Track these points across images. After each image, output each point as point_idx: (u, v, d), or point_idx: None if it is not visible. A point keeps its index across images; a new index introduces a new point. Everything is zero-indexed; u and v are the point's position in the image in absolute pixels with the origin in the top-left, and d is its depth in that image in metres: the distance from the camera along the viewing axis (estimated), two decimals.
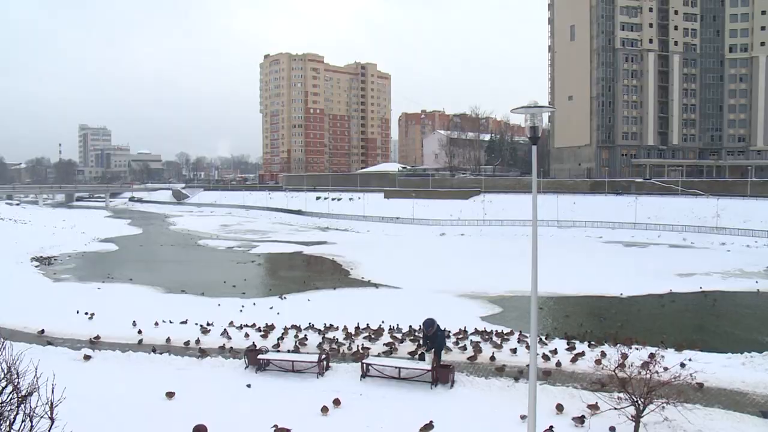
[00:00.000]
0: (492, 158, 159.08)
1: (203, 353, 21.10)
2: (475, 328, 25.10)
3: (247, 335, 24.23)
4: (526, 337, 22.63)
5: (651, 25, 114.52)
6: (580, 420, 13.84)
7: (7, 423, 4.46)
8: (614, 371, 13.08)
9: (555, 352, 20.14)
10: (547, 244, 59.20)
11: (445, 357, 19.27)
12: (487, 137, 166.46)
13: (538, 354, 16.12)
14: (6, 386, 4.80)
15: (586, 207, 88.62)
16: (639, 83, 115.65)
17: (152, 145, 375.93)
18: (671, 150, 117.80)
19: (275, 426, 13.23)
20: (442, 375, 17.44)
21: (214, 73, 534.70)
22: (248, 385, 17.49)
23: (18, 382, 4.84)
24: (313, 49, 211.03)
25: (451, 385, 17.24)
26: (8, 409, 4.61)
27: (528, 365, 13.42)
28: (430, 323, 17.88)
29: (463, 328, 24.76)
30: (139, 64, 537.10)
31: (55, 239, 76.09)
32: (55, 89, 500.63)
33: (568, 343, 21.59)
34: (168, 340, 23.51)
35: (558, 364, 18.73)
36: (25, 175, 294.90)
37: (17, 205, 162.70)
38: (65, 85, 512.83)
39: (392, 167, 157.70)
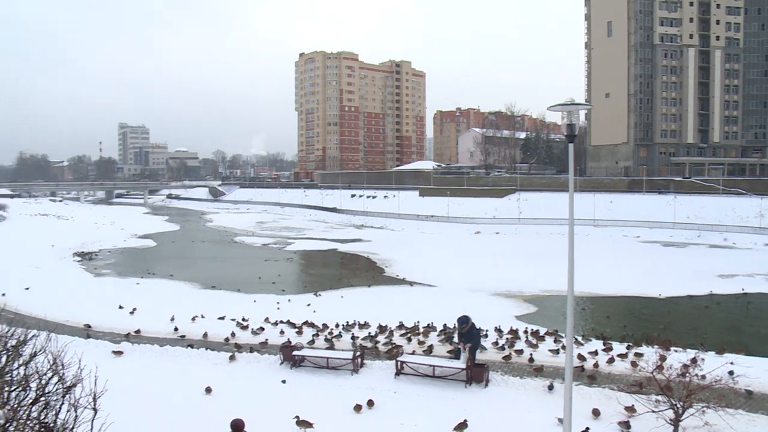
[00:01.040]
0: (527, 156, 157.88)
1: (239, 349, 21.31)
2: (510, 327, 24.93)
3: (282, 332, 24.40)
4: (562, 337, 22.40)
5: (692, 20, 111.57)
6: (626, 425, 13.55)
7: (54, 412, 4.59)
8: (652, 373, 12.84)
9: (595, 353, 19.78)
10: (584, 243, 58.57)
11: (480, 356, 19.16)
12: (522, 135, 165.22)
13: (573, 354, 15.94)
14: (52, 377, 4.94)
15: (623, 206, 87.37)
16: (678, 80, 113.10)
17: (189, 143, 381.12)
18: (712, 148, 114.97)
19: (297, 417, 13.36)
20: (476, 374, 17.29)
21: (250, 71, 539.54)
22: (283, 381, 17.61)
23: (63, 374, 4.99)
24: (348, 48, 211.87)
25: (486, 385, 17.10)
26: (54, 399, 4.75)
27: (564, 365, 13.27)
28: (464, 320, 17.82)
29: (498, 327, 24.65)
30: (176, 64, 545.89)
31: (95, 235, 77.57)
32: (96, 90, 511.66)
33: (604, 344, 21.26)
34: (205, 335, 23.83)
35: (595, 365, 18.48)
36: (68, 172, 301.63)
37: (60, 201, 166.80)
38: (105, 86, 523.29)
39: (427, 165, 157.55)
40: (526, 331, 23.93)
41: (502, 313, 32.69)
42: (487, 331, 23.20)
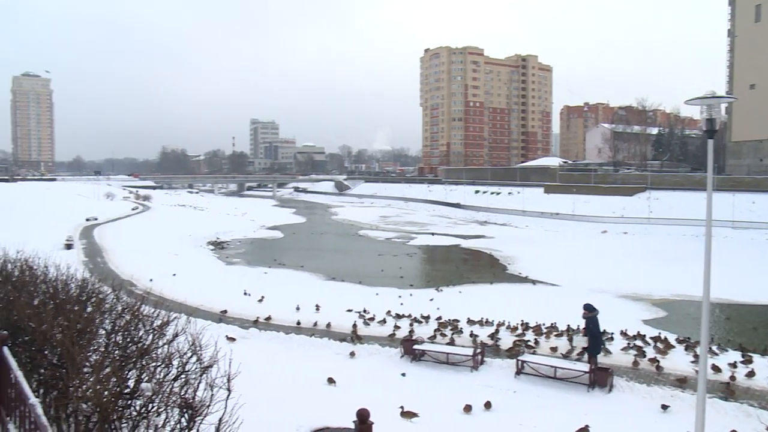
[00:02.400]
0: (660, 153, 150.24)
1: (361, 340, 21.79)
2: (638, 332, 23.91)
3: (397, 326, 24.56)
4: (695, 345, 21.26)
5: None
6: None
7: (193, 389, 4.92)
8: None
9: (733, 365, 18.35)
10: (721, 246, 55.25)
11: (605, 360, 18.60)
12: (654, 131, 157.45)
13: (708, 365, 15.05)
14: (191, 356, 5.31)
15: (767, 207, 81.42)
16: None
17: (316, 138, 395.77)
18: None
19: (401, 408, 13.45)
20: (600, 378, 16.74)
21: (373, 67, 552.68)
22: (403, 374, 17.82)
23: (201, 354, 5.34)
24: (473, 42, 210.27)
25: (610, 390, 16.52)
26: (193, 377, 5.09)
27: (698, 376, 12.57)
28: (589, 307, 17.44)
29: (624, 330, 23.76)
30: (303, 62, 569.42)
31: (227, 225, 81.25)
32: (230, 88, 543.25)
33: (743, 356, 19.72)
34: (328, 325, 24.54)
35: (732, 378, 17.34)
36: (204, 165, 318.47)
37: (196, 193, 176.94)
38: (238, 84, 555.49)
39: (553, 161, 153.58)
40: (654, 337, 22.90)
41: (628, 317, 31.34)
42: (612, 334, 22.43)
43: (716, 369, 17.87)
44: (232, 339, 21.43)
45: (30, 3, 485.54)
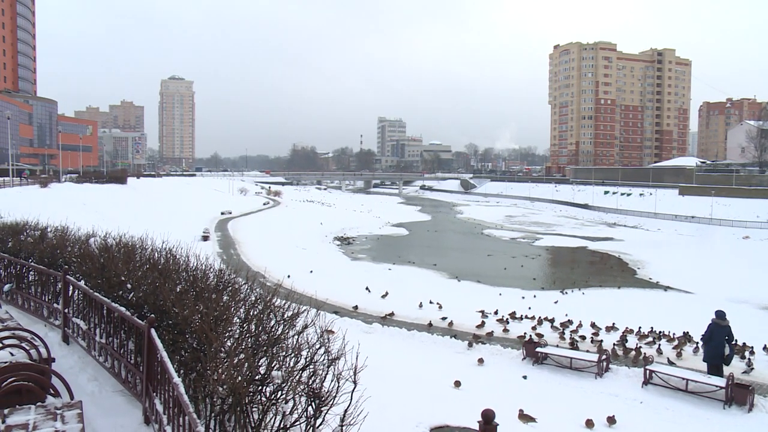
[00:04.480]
0: None
1: (483, 340, 21.67)
2: None
3: (519, 328, 24.22)
4: None
5: None
6: None
7: (320, 379, 5.14)
8: None
9: None
10: None
11: (744, 376, 17.48)
12: None
13: None
14: (319, 348, 5.54)
15: None
16: None
17: (442, 136, 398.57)
18: None
19: (520, 411, 13.23)
20: (738, 395, 15.32)
21: (500, 66, 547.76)
22: (524, 377, 17.55)
23: (329, 347, 5.56)
24: (604, 37, 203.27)
25: (750, 409, 15.07)
26: (321, 368, 5.32)
27: None
28: (718, 313, 16.47)
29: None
30: (428, 61, 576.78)
31: (354, 222, 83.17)
32: (358, 87, 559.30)
33: None
34: (450, 324, 24.58)
35: None
36: (332, 163, 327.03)
37: (324, 189, 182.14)
38: (366, 83, 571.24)
39: (689, 162, 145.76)
40: None
41: None
42: (752, 347, 21.05)
43: None
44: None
45: (175, 14, 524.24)
